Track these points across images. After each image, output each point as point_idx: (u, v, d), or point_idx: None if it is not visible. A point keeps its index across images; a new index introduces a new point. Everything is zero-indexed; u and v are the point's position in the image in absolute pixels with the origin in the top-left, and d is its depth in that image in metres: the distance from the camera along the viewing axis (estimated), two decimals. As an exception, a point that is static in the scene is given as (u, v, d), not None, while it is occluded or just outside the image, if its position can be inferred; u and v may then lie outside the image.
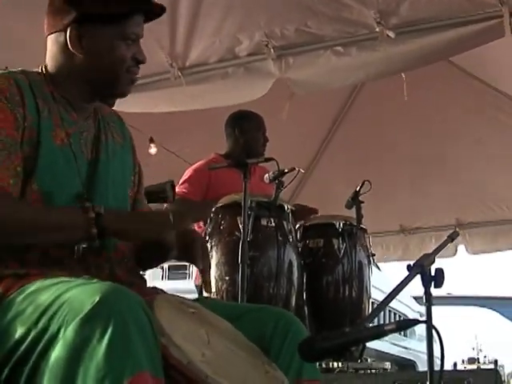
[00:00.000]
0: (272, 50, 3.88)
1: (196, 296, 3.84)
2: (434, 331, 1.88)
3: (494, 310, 19.71)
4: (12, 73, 1.79)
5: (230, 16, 3.82)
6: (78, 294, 1.44)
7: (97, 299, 1.38)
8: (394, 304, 10.17)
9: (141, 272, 2.01)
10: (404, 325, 1.56)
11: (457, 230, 2.45)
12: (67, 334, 1.38)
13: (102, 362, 1.33)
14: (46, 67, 1.85)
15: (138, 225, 1.75)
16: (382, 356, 8.75)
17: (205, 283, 1.90)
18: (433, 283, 2.02)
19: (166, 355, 1.44)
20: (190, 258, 1.93)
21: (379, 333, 1.58)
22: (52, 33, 1.83)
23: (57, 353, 1.38)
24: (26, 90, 1.74)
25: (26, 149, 1.70)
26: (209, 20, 3.85)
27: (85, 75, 1.81)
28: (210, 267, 1.99)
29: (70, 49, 1.78)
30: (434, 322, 1.90)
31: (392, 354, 10.06)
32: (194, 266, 1.99)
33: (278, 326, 1.78)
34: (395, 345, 10.63)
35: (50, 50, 1.84)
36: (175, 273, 10.85)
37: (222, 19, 3.83)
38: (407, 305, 11.27)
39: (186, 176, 4.03)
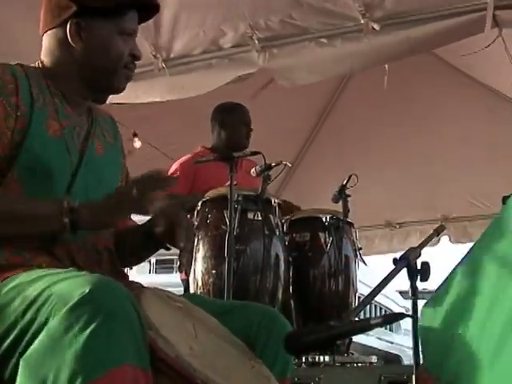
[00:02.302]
0: (256, 42, 3.86)
1: (182, 290, 3.87)
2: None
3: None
4: (8, 64, 1.80)
5: (215, 7, 3.80)
6: (66, 286, 1.43)
7: (86, 290, 1.37)
8: (379, 299, 10.22)
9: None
10: (390, 319, 1.55)
11: (443, 224, 2.45)
12: (52, 322, 1.37)
13: (80, 351, 1.32)
14: (42, 63, 1.87)
15: (108, 211, 1.71)
16: (367, 350, 8.78)
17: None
18: (419, 277, 2.03)
19: (154, 348, 1.43)
20: (172, 237, 1.88)
21: (365, 327, 1.57)
22: (50, 29, 1.85)
23: (38, 340, 1.37)
24: (21, 79, 1.76)
25: (16, 137, 1.70)
26: (194, 11, 3.82)
27: (83, 69, 1.84)
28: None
29: (70, 42, 1.80)
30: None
31: (377, 349, 10.10)
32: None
33: (263, 323, 1.78)
34: (381, 339, 10.68)
35: (47, 46, 1.87)
36: (162, 266, 10.85)
37: (206, 10, 3.81)
38: (393, 299, 11.32)
39: (171, 170, 4.01)
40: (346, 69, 4.22)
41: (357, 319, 1.73)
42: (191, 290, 3.31)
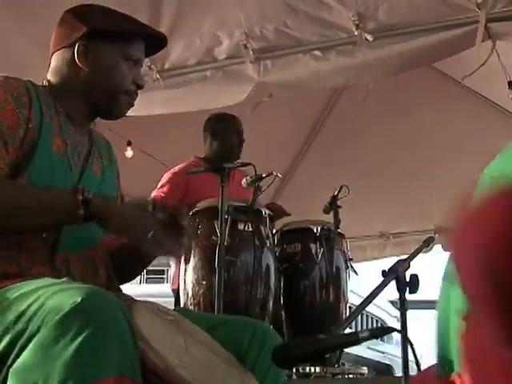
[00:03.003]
0: (251, 53, 3.87)
1: (173, 300, 3.87)
2: (409, 337, 1.89)
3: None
4: (22, 79, 1.85)
5: (211, 13, 3.81)
6: (58, 296, 1.44)
7: (78, 300, 1.38)
8: (371, 309, 10.21)
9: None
10: (378, 332, 1.56)
11: (432, 236, 2.45)
12: (42, 332, 1.38)
13: (70, 360, 1.32)
14: (48, 81, 1.93)
15: (125, 220, 1.74)
16: (359, 360, 8.77)
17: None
18: (408, 289, 2.03)
19: (144, 359, 1.44)
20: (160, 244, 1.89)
21: (353, 340, 1.57)
22: (59, 49, 1.92)
23: (28, 349, 1.38)
24: (33, 94, 1.81)
25: (25, 147, 1.74)
26: (190, 19, 3.84)
27: (87, 89, 1.90)
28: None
29: (77, 62, 1.87)
30: (412, 326, 1.90)
31: (369, 359, 10.08)
32: (171, 270, 1.97)
33: (254, 338, 1.79)
34: (372, 349, 10.65)
35: (55, 65, 1.94)
36: (153, 277, 10.82)
37: (202, 17, 3.82)
38: (384, 309, 11.30)
39: (164, 179, 4.02)
40: (341, 82, 4.23)
41: (346, 332, 1.73)
42: (181, 301, 3.31)
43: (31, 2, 3.54)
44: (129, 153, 5.23)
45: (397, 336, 11.24)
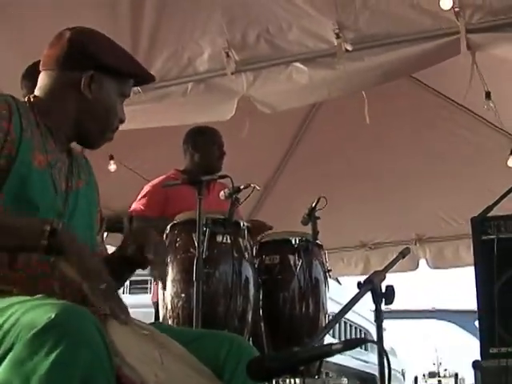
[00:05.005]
0: (233, 64, 3.88)
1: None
2: (388, 345, 1.90)
3: (453, 322, 19.86)
4: (2, 93, 1.91)
5: (193, 21, 3.82)
6: (33, 312, 1.44)
7: (52, 316, 1.38)
8: (353, 318, 10.23)
9: None
10: (351, 344, 1.56)
11: (409, 247, 2.46)
12: (17, 348, 1.38)
13: (45, 376, 1.32)
14: (35, 97, 1.93)
15: (83, 264, 1.69)
16: (343, 370, 8.78)
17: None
18: (384, 300, 2.03)
19: (119, 375, 1.44)
20: (142, 257, 1.90)
21: (327, 352, 1.58)
22: (61, 69, 1.92)
23: (3, 366, 1.37)
24: (13, 107, 1.81)
25: (2, 161, 1.73)
26: (171, 28, 3.85)
27: (82, 118, 1.93)
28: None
29: (81, 89, 1.90)
30: (394, 336, 1.91)
31: (353, 368, 10.09)
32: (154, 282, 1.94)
33: (231, 352, 1.80)
34: (356, 359, 10.67)
35: (50, 84, 1.94)
36: (136, 287, 10.82)
37: (183, 25, 3.83)
38: (366, 318, 11.34)
39: (143, 192, 4.02)
40: (324, 95, 4.25)
41: (321, 344, 1.73)
42: (160, 314, 3.30)
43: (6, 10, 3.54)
44: (112, 167, 5.25)
45: (380, 346, 11.28)
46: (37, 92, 1.95)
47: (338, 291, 4.04)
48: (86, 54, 1.92)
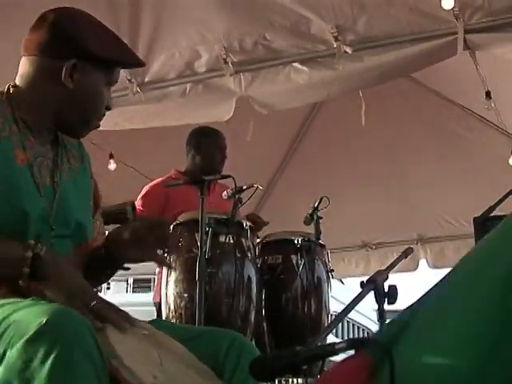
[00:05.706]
0: (231, 66, 3.88)
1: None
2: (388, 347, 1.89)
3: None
4: None
5: (190, 28, 3.82)
6: (24, 316, 1.43)
7: (43, 321, 1.36)
8: (357, 317, 10.22)
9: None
10: (355, 344, 1.56)
11: (411, 247, 2.45)
12: (10, 356, 1.37)
13: (45, 382, 1.32)
14: (15, 86, 1.85)
15: (68, 287, 1.65)
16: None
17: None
18: (386, 300, 2.03)
19: (117, 377, 1.43)
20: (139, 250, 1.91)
21: (330, 352, 1.57)
22: (38, 55, 1.82)
23: None
24: None
25: None
26: (169, 33, 3.85)
27: (63, 107, 1.83)
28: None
29: (62, 79, 1.79)
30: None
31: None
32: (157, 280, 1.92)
33: (231, 350, 1.78)
34: (358, 358, 10.63)
35: (31, 72, 1.84)
36: (139, 286, 10.83)
37: (181, 31, 3.83)
38: (369, 317, 11.33)
39: (143, 192, 4.02)
40: (323, 95, 4.25)
41: (324, 343, 1.73)
42: (163, 314, 3.30)
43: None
44: (112, 165, 5.24)
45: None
46: (17, 80, 1.86)
47: (341, 290, 4.03)
48: (69, 41, 1.80)
